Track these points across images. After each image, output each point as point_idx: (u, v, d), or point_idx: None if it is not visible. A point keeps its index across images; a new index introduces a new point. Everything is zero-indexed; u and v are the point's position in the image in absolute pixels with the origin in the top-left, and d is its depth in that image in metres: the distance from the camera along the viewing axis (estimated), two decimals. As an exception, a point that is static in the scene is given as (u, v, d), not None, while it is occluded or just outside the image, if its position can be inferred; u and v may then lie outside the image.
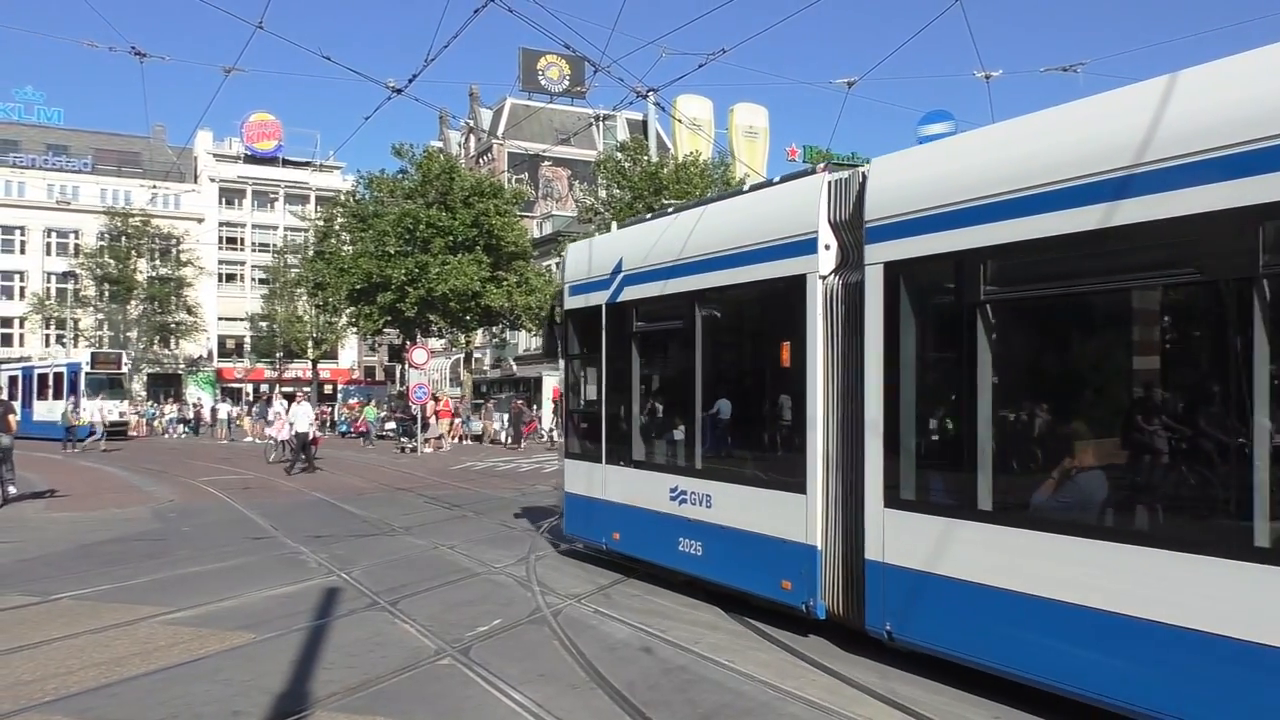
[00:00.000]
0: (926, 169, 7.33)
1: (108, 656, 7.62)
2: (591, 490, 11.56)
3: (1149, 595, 5.56)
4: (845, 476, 7.86)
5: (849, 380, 7.87)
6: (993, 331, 6.57)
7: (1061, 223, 6.04)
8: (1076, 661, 5.96)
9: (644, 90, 14.03)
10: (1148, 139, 5.61)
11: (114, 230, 63.23)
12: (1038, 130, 6.51)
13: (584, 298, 11.80)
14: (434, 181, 43.20)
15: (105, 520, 16.25)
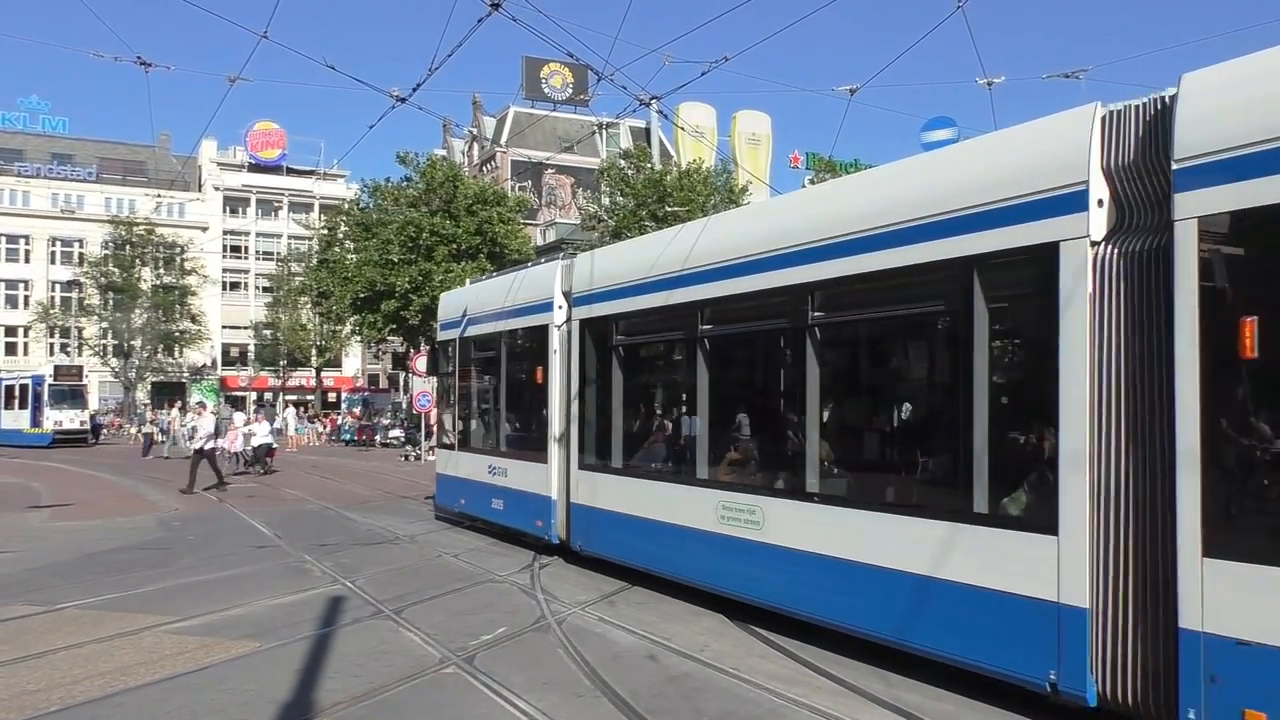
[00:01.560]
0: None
1: (113, 666, 7.62)
2: (448, 469, 16.18)
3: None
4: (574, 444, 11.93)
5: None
6: None
7: None
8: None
9: (647, 98, 14.05)
10: None
11: (118, 239, 63.33)
12: None
13: (445, 333, 16.39)
14: (438, 189, 43.26)
15: (109, 529, 16.26)
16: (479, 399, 15.65)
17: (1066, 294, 6.01)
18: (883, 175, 8.21)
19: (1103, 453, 5.84)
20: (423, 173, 44.18)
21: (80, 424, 45.33)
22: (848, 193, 8.63)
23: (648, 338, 11.37)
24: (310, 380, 67.35)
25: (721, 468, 9.63)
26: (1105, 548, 5.83)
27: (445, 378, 16.71)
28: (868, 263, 7.58)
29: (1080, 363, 5.93)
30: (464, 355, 15.66)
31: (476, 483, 14.82)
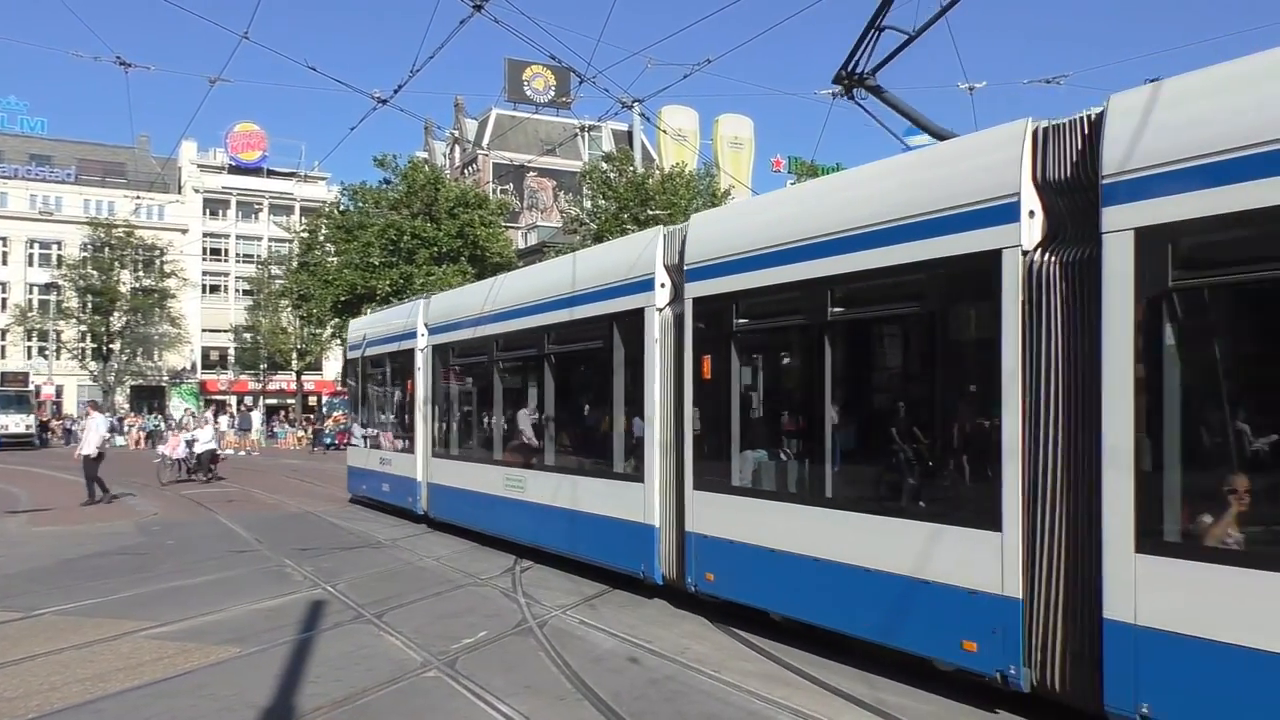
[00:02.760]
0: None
1: (91, 672, 7.57)
2: (355, 462, 20.68)
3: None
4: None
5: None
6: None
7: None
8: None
9: (629, 101, 14.10)
10: None
11: (97, 241, 62.87)
12: None
13: (352, 353, 21.00)
14: (419, 192, 43.16)
15: (88, 534, 16.14)
16: (375, 405, 19.97)
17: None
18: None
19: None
20: (404, 175, 44.06)
21: (26, 428, 47.98)
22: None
23: (469, 360, 15.24)
24: (291, 384, 66.96)
25: (505, 452, 13.69)
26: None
27: (352, 390, 21.89)
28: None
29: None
30: (364, 372, 20.07)
31: (373, 471, 19.20)
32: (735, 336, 8.99)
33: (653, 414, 10.00)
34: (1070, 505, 5.96)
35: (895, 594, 6.96)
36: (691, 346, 9.43)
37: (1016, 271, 6.23)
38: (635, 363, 10.34)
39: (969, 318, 6.85)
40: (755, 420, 9.22)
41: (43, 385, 59.11)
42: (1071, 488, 5.95)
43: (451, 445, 15.84)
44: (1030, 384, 6.15)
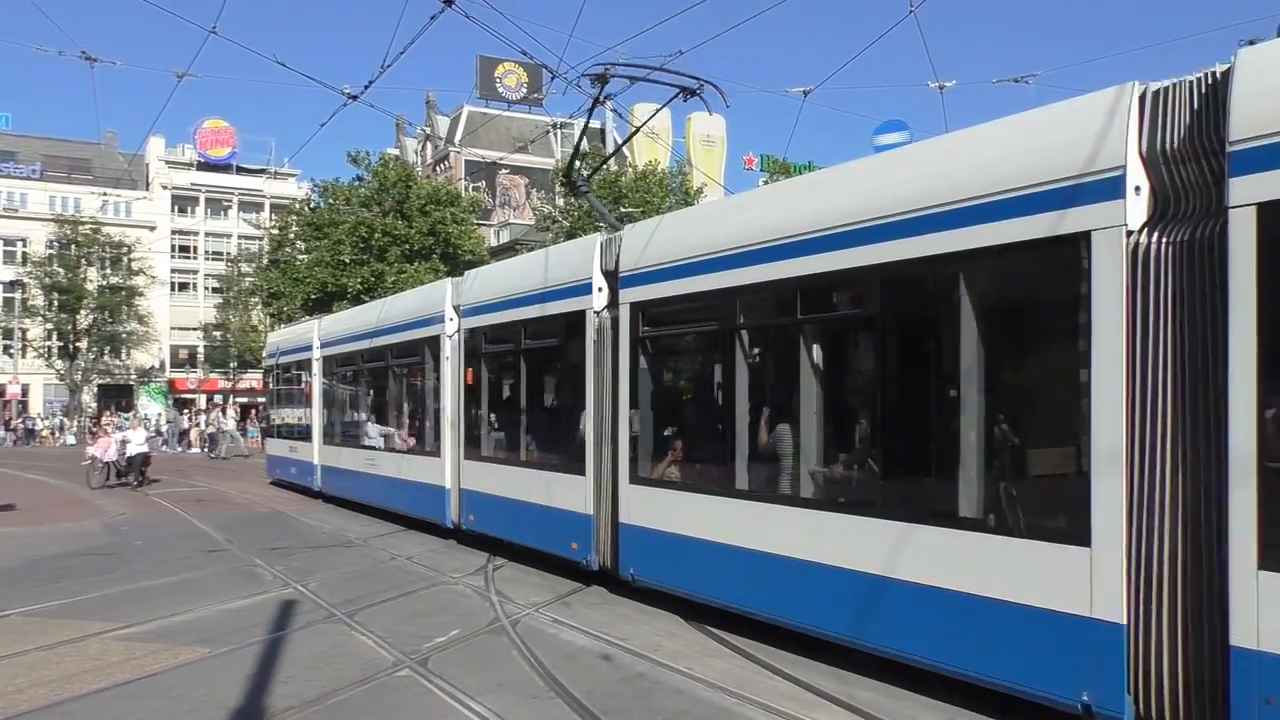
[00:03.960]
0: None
1: (58, 674, 7.48)
2: (272, 451, 25.24)
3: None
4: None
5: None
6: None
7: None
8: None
9: (601, 98, 14.05)
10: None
11: (63, 238, 62.08)
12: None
13: (268, 360, 26.21)
14: (390, 190, 42.90)
15: (55, 535, 15.95)
16: (282, 404, 24.59)
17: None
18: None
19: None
20: (375, 172, 43.78)
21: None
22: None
23: (349, 367, 19.51)
24: (261, 383, 66.43)
25: (366, 438, 18.10)
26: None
27: (269, 391, 27.21)
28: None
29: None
30: (277, 376, 24.90)
31: (284, 458, 23.62)
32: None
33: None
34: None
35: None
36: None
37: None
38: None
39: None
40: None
41: (8, 384, 58.41)
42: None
43: (334, 435, 20.28)
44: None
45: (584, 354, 10.61)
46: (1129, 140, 5.67)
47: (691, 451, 9.42)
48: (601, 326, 10.39)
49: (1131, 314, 5.54)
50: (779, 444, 8.16)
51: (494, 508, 12.45)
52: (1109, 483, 5.54)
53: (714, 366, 9.23)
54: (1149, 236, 5.55)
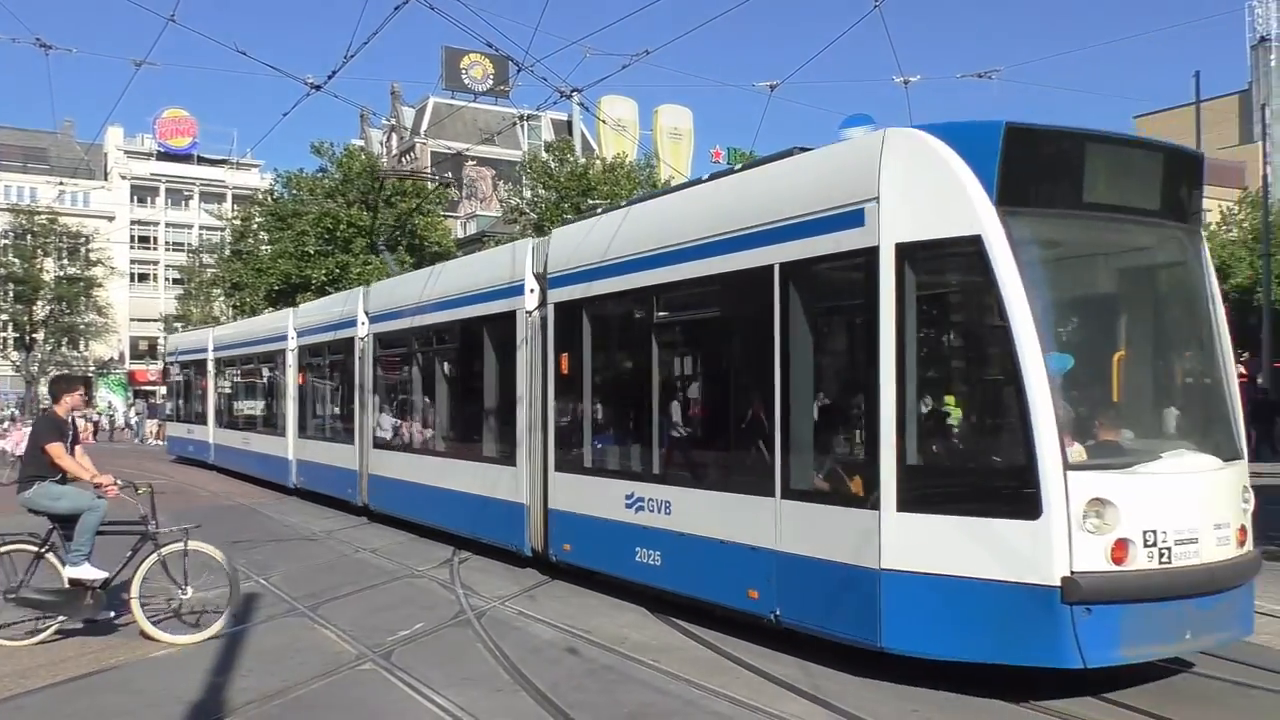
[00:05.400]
0: None
1: (11, 668, 7.32)
2: (173, 433, 31.65)
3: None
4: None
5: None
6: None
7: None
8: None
9: (568, 90, 13.98)
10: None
11: (18, 228, 61.00)
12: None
13: (169, 358, 33.70)
14: (355, 180, 42.50)
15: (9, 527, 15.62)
16: (181, 396, 30.35)
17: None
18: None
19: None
20: (339, 163, 43.34)
21: None
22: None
23: (235, 366, 25.14)
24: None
25: (261, 425, 22.47)
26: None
27: (170, 384, 33.11)
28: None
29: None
30: (177, 372, 31.09)
31: (182, 438, 29.81)
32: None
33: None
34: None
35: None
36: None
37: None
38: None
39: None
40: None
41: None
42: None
43: (225, 423, 25.55)
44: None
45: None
46: (528, 268, 11.37)
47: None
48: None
49: (531, 353, 11.26)
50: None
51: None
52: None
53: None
54: (534, 313, 11.23)
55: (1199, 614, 6.44)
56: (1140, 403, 7.37)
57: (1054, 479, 6.14)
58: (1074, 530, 6.13)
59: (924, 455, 6.97)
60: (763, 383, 7.81)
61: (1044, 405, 6.19)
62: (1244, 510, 6.91)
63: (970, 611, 6.46)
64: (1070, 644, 6.12)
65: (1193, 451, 6.83)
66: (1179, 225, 7.50)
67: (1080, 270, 7.80)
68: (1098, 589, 6.11)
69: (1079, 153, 7.02)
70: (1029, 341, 6.26)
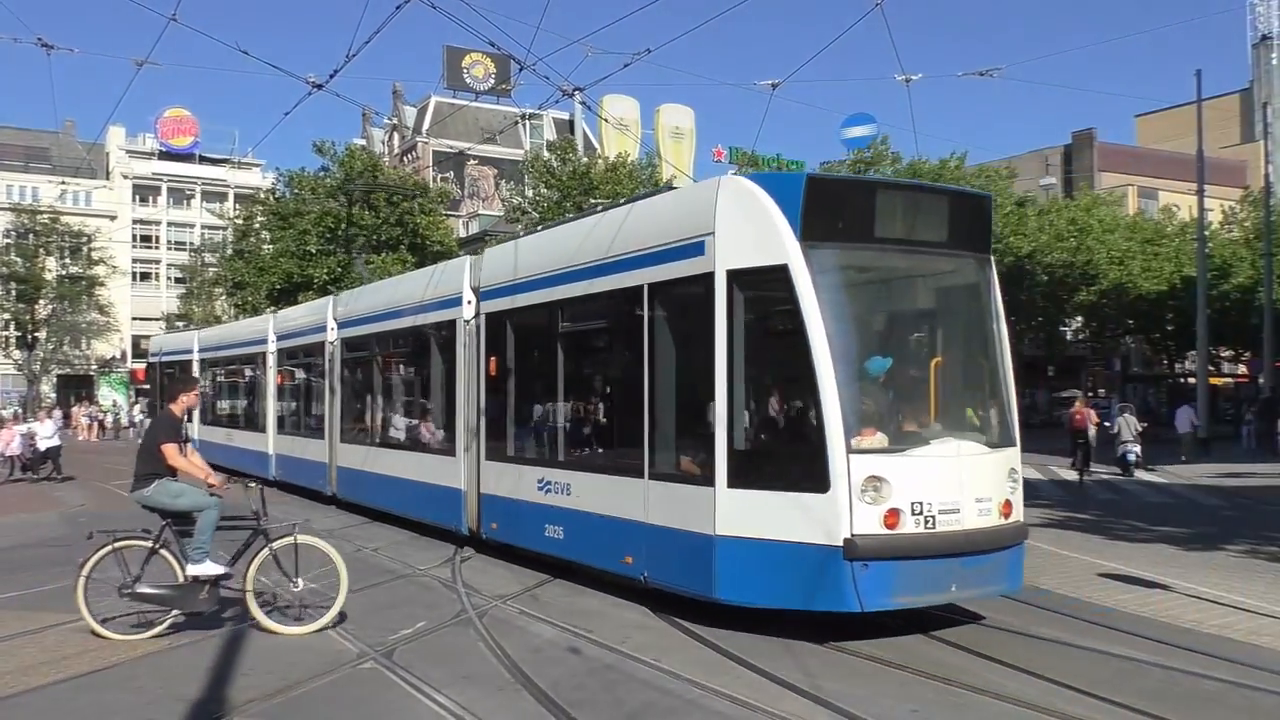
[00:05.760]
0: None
1: (14, 665, 7.33)
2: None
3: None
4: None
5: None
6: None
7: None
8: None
9: (570, 89, 13.98)
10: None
11: (21, 227, 61.00)
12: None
13: (152, 358, 33.67)
14: (356, 180, 42.48)
15: (9, 526, 15.70)
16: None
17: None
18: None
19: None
20: (341, 162, 43.33)
21: None
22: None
23: (224, 366, 26.32)
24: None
25: (243, 422, 24.03)
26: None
27: (153, 383, 33.49)
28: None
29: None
30: (160, 370, 30.86)
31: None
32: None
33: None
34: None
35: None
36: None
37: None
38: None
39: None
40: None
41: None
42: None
43: (209, 420, 26.68)
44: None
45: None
46: (466, 281, 12.94)
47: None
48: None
49: (466, 358, 13.05)
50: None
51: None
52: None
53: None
54: (473, 321, 12.76)
55: (964, 571, 7.90)
56: (923, 399, 8.67)
57: (839, 460, 7.60)
58: (854, 501, 7.57)
59: (747, 441, 8.46)
60: (636, 382, 9.36)
61: (832, 401, 7.65)
62: (1010, 488, 8.34)
63: (780, 567, 7.93)
64: (851, 593, 7.54)
65: (961, 440, 8.24)
66: (965, 253, 9.07)
67: (874, 290, 9.43)
68: (873, 548, 7.54)
69: (870, 197, 8.76)
70: (822, 351, 7.71)
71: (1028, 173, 55.94)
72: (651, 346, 9.27)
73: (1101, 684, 6.63)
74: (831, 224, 8.28)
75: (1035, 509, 17.28)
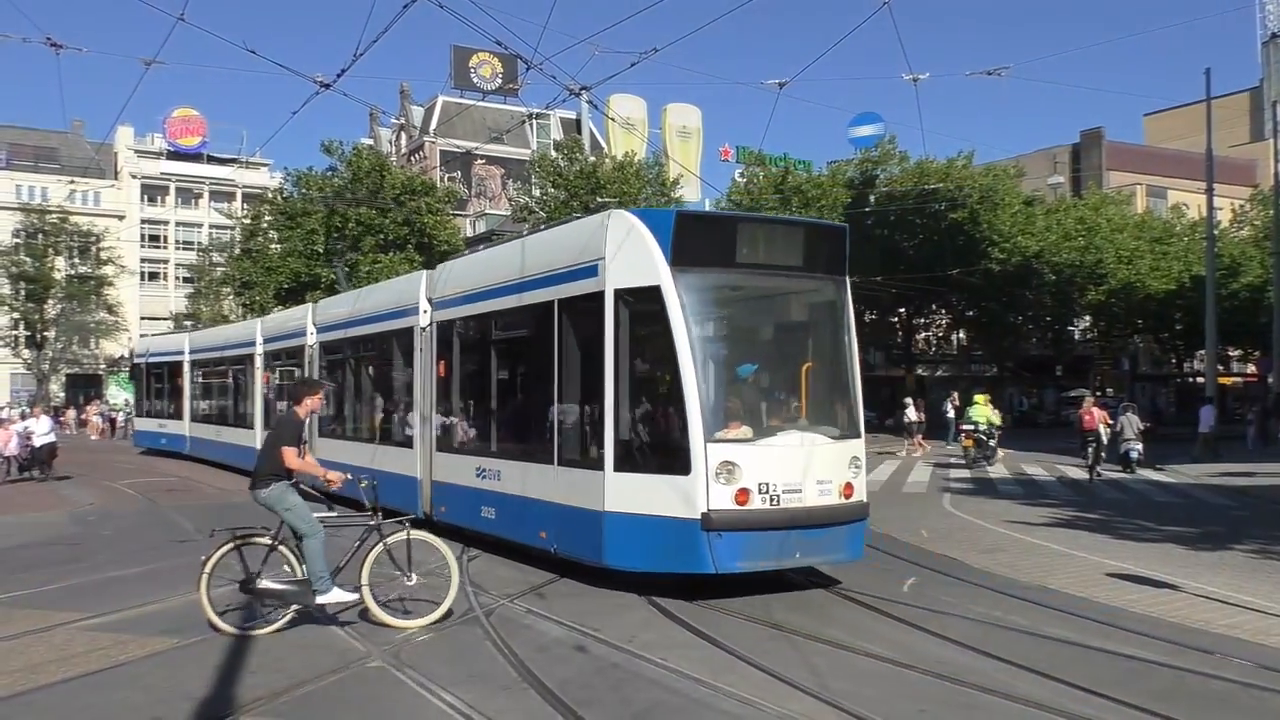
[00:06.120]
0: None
1: (22, 663, 7.35)
2: (142, 427, 34.68)
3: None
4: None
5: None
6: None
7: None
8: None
9: (577, 88, 13.97)
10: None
11: (30, 227, 61.21)
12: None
13: (138, 359, 35.77)
14: (364, 179, 42.56)
15: (20, 525, 15.74)
16: (154, 393, 33.20)
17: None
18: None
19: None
20: (349, 162, 43.42)
21: None
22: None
23: (216, 367, 27.66)
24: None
25: (233, 419, 25.55)
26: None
27: (139, 383, 35.25)
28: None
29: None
30: (146, 372, 33.75)
31: (153, 431, 32.69)
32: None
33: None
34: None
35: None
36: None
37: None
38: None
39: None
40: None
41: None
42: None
43: (199, 417, 28.77)
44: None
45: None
46: (422, 291, 14.50)
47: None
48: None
49: (421, 359, 14.52)
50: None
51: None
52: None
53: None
54: (428, 328, 14.25)
55: (805, 540, 9.43)
56: (780, 399, 10.50)
57: (698, 449, 9.11)
58: (711, 482, 9.06)
59: (630, 433, 9.93)
60: (549, 383, 10.97)
61: (694, 400, 9.17)
62: (853, 473, 9.87)
63: (653, 537, 9.38)
64: (708, 557, 9.03)
65: (808, 433, 9.78)
66: (821, 275, 10.61)
67: (736, 306, 10.88)
68: (725, 521, 9.03)
69: (731, 229, 10.28)
70: (686, 357, 9.22)
71: (1036, 171, 55.82)
72: (561, 353, 10.84)
73: (1110, 684, 6.61)
74: (697, 251, 9.79)
75: (1043, 508, 17.30)
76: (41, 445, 23.51)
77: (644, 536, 9.46)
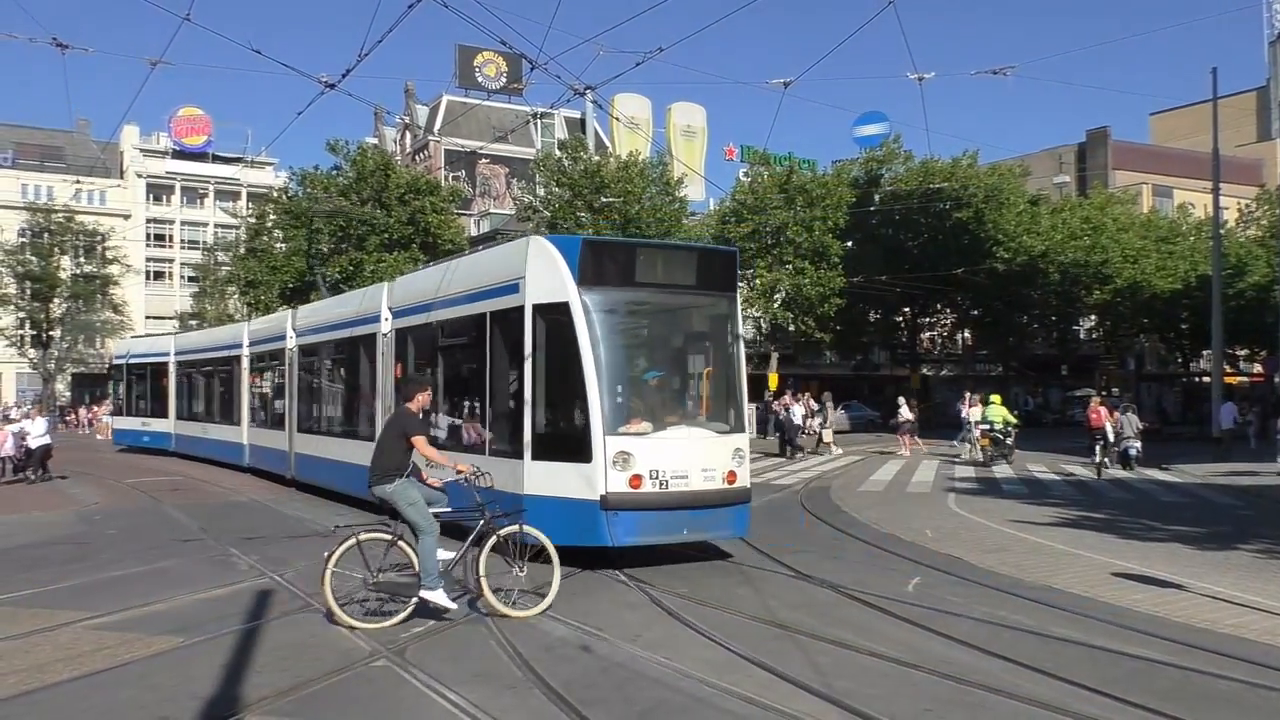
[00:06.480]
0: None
1: (29, 663, 7.37)
2: (120, 426, 36.24)
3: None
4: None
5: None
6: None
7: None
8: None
9: (581, 88, 14.00)
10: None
11: (36, 226, 61.34)
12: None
13: (118, 360, 36.70)
14: (368, 178, 42.58)
15: (26, 524, 15.78)
16: (137, 393, 34.16)
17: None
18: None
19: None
20: (353, 161, 43.43)
21: None
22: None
23: (199, 368, 29.06)
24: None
25: (219, 417, 27.18)
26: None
27: (122, 383, 35.83)
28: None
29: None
30: (128, 372, 34.69)
31: (133, 430, 34.01)
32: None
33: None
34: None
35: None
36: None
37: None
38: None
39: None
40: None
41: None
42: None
43: (185, 415, 29.96)
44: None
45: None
46: (384, 301, 16.41)
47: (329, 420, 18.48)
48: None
49: (383, 359, 16.34)
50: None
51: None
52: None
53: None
54: (390, 333, 16.22)
55: (693, 519, 11.05)
56: (675, 398, 12.22)
57: (598, 441, 10.68)
58: (609, 469, 10.63)
59: (545, 427, 11.51)
60: (482, 385, 12.81)
61: (595, 399, 10.70)
62: (736, 463, 11.41)
63: (564, 516, 10.73)
64: (607, 533, 10.58)
65: (696, 428, 11.53)
66: (713, 292, 12.28)
67: (635, 320, 12.26)
68: (620, 502, 10.62)
69: (631, 253, 12.14)
70: (589, 363, 10.76)
71: (1041, 171, 55.75)
72: (491, 358, 12.50)
73: (1116, 683, 6.60)
74: (601, 272, 11.32)
75: (1049, 508, 17.29)
76: (37, 447, 23.27)
77: (556, 515, 10.71)
